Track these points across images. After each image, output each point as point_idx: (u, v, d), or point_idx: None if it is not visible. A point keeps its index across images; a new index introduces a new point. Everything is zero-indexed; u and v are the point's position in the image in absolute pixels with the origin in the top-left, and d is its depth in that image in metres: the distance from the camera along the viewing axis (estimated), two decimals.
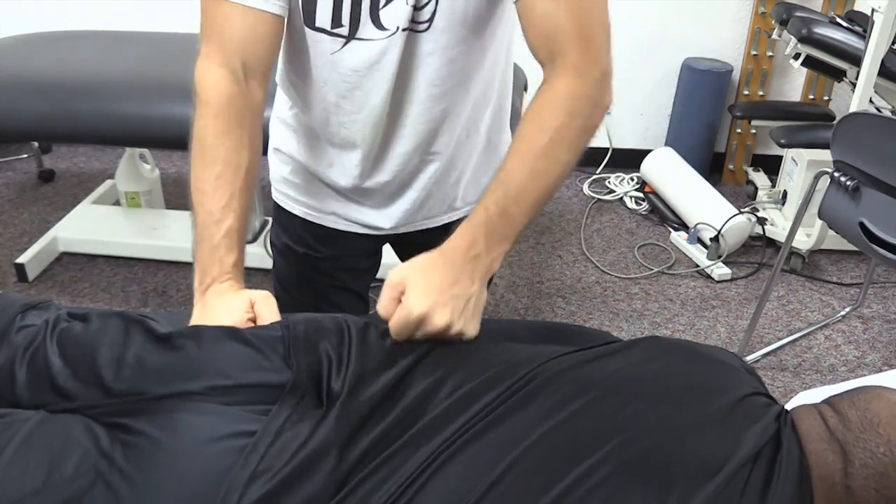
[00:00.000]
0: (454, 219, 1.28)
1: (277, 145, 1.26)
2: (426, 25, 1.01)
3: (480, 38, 1.06)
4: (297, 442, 0.76)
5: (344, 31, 1.02)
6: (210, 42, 1.02)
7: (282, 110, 1.23)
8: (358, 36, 1.02)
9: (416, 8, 0.99)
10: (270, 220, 1.37)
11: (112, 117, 2.11)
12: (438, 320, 0.88)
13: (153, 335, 0.86)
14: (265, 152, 1.29)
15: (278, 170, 1.27)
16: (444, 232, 1.27)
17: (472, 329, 0.92)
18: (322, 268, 1.31)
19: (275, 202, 1.31)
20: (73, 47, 2.42)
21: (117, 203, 2.89)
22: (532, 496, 0.71)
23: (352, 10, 1.00)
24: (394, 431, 0.78)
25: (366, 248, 1.32)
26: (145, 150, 2.80)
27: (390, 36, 1.01)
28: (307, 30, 1.03)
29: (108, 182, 3.01)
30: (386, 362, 0.86)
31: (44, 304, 0.93)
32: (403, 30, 1.00)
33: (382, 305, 0.90)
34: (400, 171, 1.17)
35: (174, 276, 2.60)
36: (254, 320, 0.94)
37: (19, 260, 2.54)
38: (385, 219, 1.24)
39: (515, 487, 0.72)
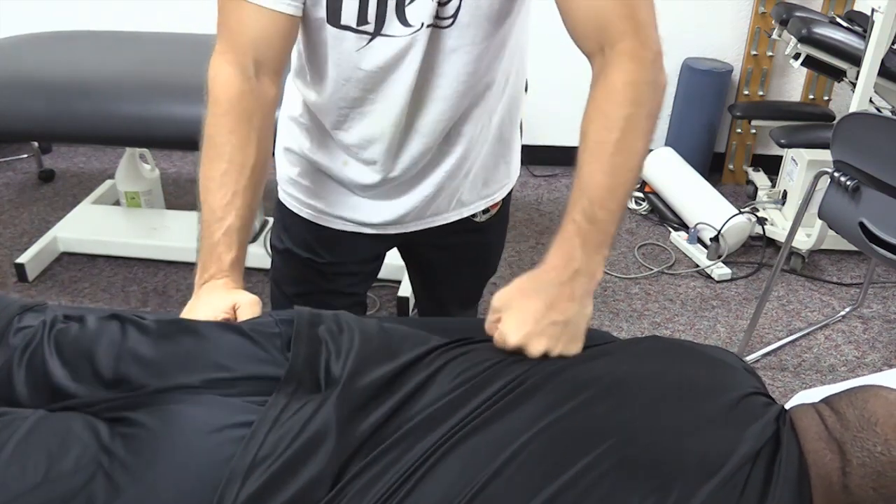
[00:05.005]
0: (464, 216, 1.28)
1: (288, 144, 1.25)
2: (450, 21, 1.01)
3: (501, 31, 1.06)
4: (296, 427, 0.77)
5: (369, 27, 1.01)
6: (224, 39, 1.02)
7: (294, 109, 1.22)
8: (383, 32, 1.01)
9: (441, 3, 0.99)
10: (271, 220, 1.36)
11: (112, 117, 2.11)
12: (534, 350, 0.87)
13: (149, 331, 0.87)
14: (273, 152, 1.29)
15: (286, 170, 1.27)
16: (450, 230, 1.28)
17: (573, 349, 0.90)
18: (323, 273, 1.30)
19: (280, 203, 1.30)
20: (73, 47, 2.42)
21: (117, 203, 2.89)
22: (531, 490, 0.71)
23: (378, 6, 0.99)
24: (394, 421, 0.79)
25: (371, 251, 1.31)
26: (145, 150, 2.80)
27: (415, 32, 1.01)
28: (330, 28, 1.03)
29: (108, 182, 3.01)
30: (387, 353, 0.87)
31: (40, 306, 0.94)
32: (428, 26, 1.00)
33: (487, 328, 0.93)
34: (416, 165, 1.17)
35: (174, 276, 2.60)
36: (233, 318, 0.95)
37: (19, 260, 2.55)
38: (394, 213, 1.23)
39: (514, 481, 0.72)
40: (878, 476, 0.74)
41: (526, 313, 0.88)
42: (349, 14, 1.01)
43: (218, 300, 0.96)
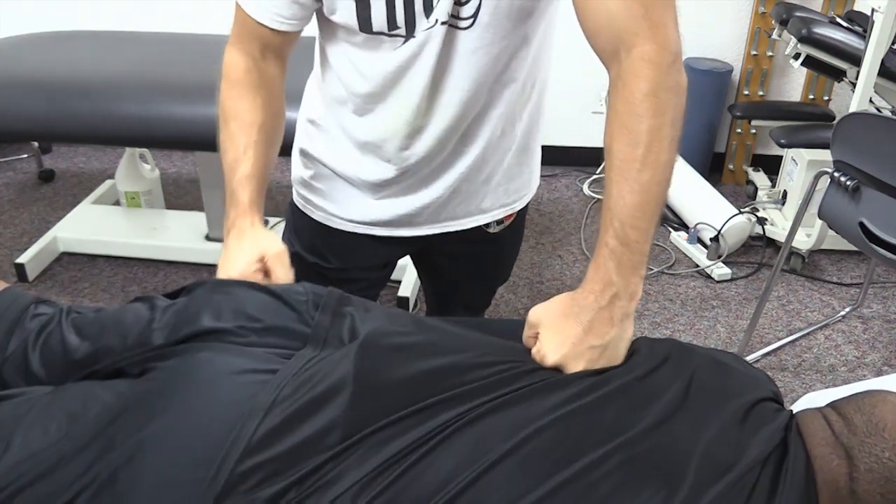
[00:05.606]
0: (481, 223, 1.28)
1: (305, 146, 1.26)
2: (469, 22, 1.01)
3: (521, 31, 1.05)
4: (318, 376, 0.80)
5: (401, 31, 1.02)
6: (235, 34, 1.14)
7: (312, 111, 1.23)
8: (415, 34, 1.02)
9: (458, 3, 0.99)
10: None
11: (112, 117, 2.11)
12: (573, 371, 0.88)
13: (179, 294, 0.93)
14: (289, 153, 1.30)
15: (300, 172, 1.28)
16: (464, 239, 1.28)
17: None
18: (328, 279, 1.30)
19: (292, 204, 1.32)
20: (73, 47, 2.42)
21: (117, 203, 2.89)
22: (540, 475, 0.73)
23: (405, 11, 1.00)
24: (417, 388, 0.80)
25: (381, 257, 1.32)
26: (145, 150, 2.80)
27: (429, 29, 1.01)
28: (362, 34, 1.04)
29: (108, 182, 3.01)
30: (413, 327, 0.91)
31: (52, 303, 0.99)
32: (442, 23, 1.00)
33: (524, 340, 0.93)
34: (430, 163, 1.17)
35: (174, 276, 2.59)
36: (266, 272, 1.02)
37: (19, 260, 2.55)
38: (406, 210, 1.23)
39: (528, 461, 0.74)
40: (886, 482, 0.74)
41: (564, 335, 0.88)
42: (379, 21, 1.01)
43: (249, 246, 1.04)
